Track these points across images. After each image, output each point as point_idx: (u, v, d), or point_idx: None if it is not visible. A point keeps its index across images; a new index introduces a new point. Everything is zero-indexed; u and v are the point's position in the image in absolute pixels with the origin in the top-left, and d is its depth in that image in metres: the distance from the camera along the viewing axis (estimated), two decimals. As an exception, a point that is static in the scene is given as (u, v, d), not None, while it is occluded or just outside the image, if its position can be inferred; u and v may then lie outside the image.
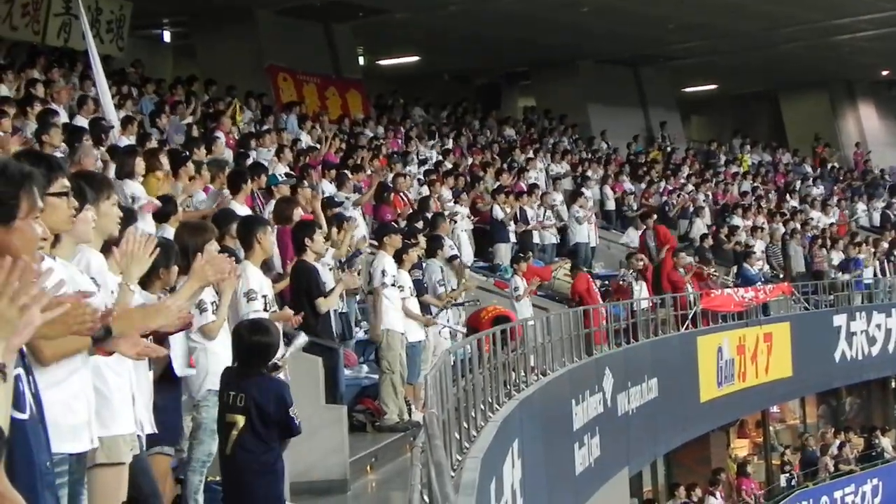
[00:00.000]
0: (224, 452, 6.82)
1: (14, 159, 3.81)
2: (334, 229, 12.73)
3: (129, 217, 6.15)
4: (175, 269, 6.69)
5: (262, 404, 6.64)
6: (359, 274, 12.42)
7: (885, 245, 28.39)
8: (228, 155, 15.90)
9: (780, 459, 24.99)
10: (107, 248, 5.52)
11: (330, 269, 11.66)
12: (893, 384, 28.45)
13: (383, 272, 12.09)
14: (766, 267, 24.47)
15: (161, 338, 5.80)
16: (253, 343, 6.80)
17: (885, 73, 37.25)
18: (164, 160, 11.83)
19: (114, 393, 5.17)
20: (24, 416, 3.19)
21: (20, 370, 3.18)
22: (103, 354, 4.87)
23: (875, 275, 26.86)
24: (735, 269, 22.80)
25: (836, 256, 26.41)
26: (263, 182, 13.45)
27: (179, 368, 6.85)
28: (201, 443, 7.34)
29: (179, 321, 5.21)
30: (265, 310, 8.20)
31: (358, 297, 13.48)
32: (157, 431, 6.09)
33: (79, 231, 4.98)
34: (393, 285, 12.10)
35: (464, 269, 15.54)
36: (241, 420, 6.67)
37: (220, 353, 7.24)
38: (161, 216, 10.03)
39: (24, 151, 5.74)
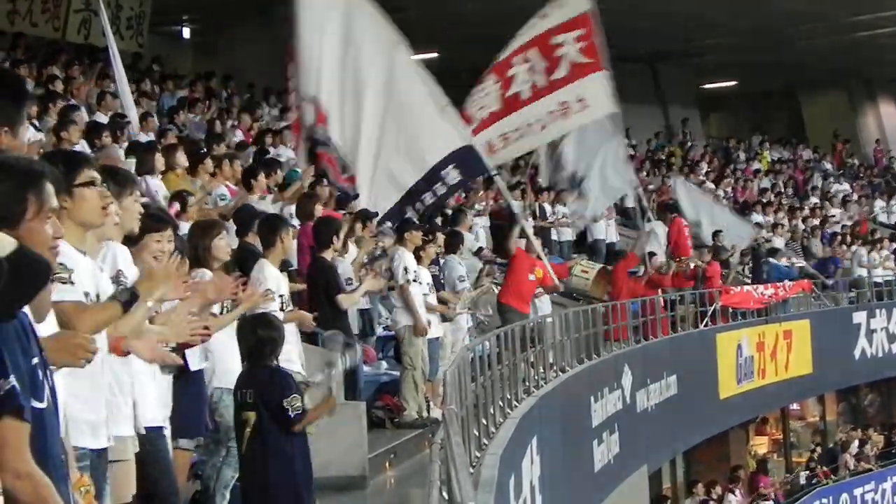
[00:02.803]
0: (240, 450, 6.83)
1: (26, 158, 3.80)
2: (358, 225, 12.66)
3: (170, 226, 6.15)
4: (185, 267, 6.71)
5: (267, 399, 6.65)
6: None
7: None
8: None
9: (808, 457, 24.94)
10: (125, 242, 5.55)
11: (352, 267, 11.63)
12: (914, 381, 28.37)
13: (405, 269, 12.07)
14: (793, 262, 24.31)
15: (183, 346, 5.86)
16: (257, 338, 6.81)
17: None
18: (182, 156, 11.86)
19: (117, 396, 5.17)
20: (43, 406, 3.20)
21: (37, 359, 3.18)
22: (119, 355, 4.90)
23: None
24: (748, 265, 22.60)
25: (861, 252, 26.26)
26: (280, 178, 13.45)
27: (194, 363, 6.85)
28: (230, 439, 7.35)
29: (196, 335, 5.34)
30: (281, 309, 8.20)
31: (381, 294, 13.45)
32: (169, 426, 6.10)
33: (105, 232, 5.00)
34: (414, 281, 12.08)
35: (491, 272, 15.52)
36: (252, 417, 6.68)
37: (222, 352, 7.22)
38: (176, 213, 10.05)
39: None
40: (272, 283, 8.23)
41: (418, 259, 12.39)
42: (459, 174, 12.92)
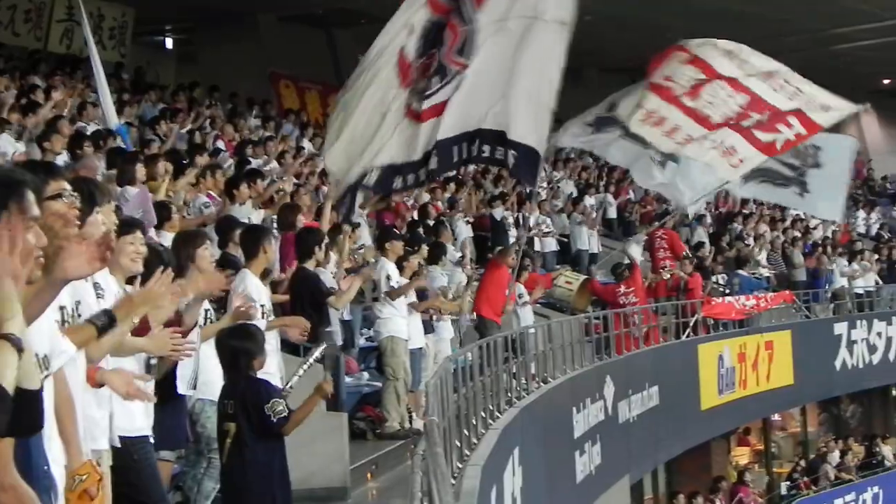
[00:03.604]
0: (222, 461, 6.83)
1: (4, 167, 3.79)
2: (340, 236, 12.67)
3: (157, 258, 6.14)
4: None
5: (248, 408, 6.65)
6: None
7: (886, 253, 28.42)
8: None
9: (790, 468, 25.00)
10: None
11: (333, 276, 11.64)
12: (894, 392, 28.44)
13: (388, 277, 12.08)
14: (766, 273, 24.39)
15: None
16: (232, 349, 6.81)
17: (886, 81, 37.29)
18: (165, 167, 11.85)
19: (94, 409, 5.15)
20: None
21: None
22: (93, 385, 4.89)
23: (876, 283, 26.87)
24: (723, 277, 22.66)
25: (840, 264, 26.36)
26: (261, 188, 13.46)
27: (182, 387, 6.85)
28: (212, 451, 7.34)
29: (177, 350, 5.34)
30: (262, 318, 8.20)
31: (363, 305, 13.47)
32: (154, 437, 6.10)
33: (87, 235, 4.98)
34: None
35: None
36: (232, 428, 6.68)
37: (204, 363, 7.21)
38: (158, 223, 10.03)
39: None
40: (254, 293, 8.23)
41: (401, 269, 12.41)
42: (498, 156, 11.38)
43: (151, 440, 5.98)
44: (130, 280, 5.77)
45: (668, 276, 19.90)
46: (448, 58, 10.76)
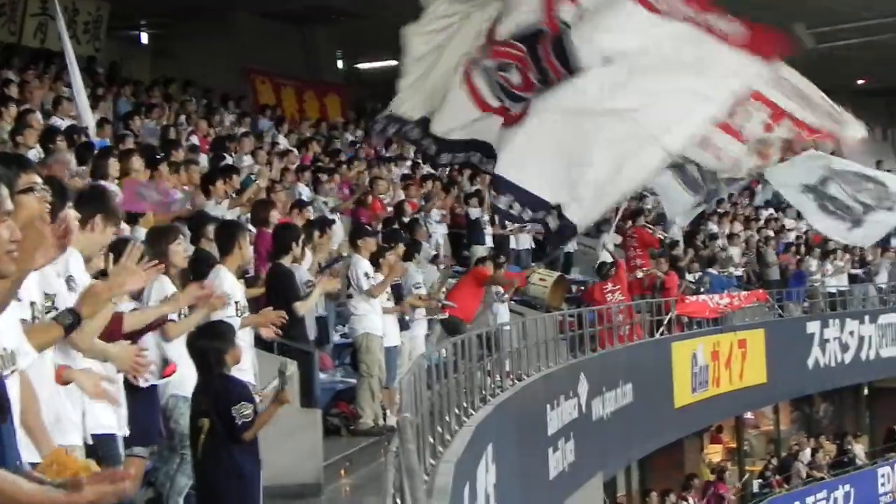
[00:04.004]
0: (195, 457, 6.82)
1: None
2: (316, 233, 12.68)
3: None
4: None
5: (218, 407, 6.65)
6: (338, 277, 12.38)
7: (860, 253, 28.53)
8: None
9: (762, 465, 25.11)
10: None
11: (309, 273, 11.62)
12: (866, 391, 28.63)
13: (366, 274, 12.07)
14: (737, 272, 24.46)
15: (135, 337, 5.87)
16: (199, 347, 6.81)
17: (860, 81, 37.45)
18: (139, 162, 11.79)
19: (66, 405, 5.13)
20: None
21: None
22: (60, 383, 4.88)
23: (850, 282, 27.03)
24: (698, 275, 22.76)
25: (813, 263, 26.47)
26: (236, 183, 13.41)
27: (142, 381, 6.82)
28: (185, 447, 7.33)
29: (136, 366, 5.37)
30: (238, 315, 8.18)
31: (337, 301, 13.46)
32: (127, 433, 6.09)
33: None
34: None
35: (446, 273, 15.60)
36: (206, 423, 6.68)
37: (177, 359, 7.19)
38: (131, 218, 10.00)
39: None
40: (228, 289, 8.20)
41: (377, 266, 12.40)
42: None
43: (120, 438, 5.96)
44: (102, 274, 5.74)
45: (642, 274, 20.01)
46: (548, 61, 10.23)
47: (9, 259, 3.39)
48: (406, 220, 16.91)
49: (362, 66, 31.59)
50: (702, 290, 21.68)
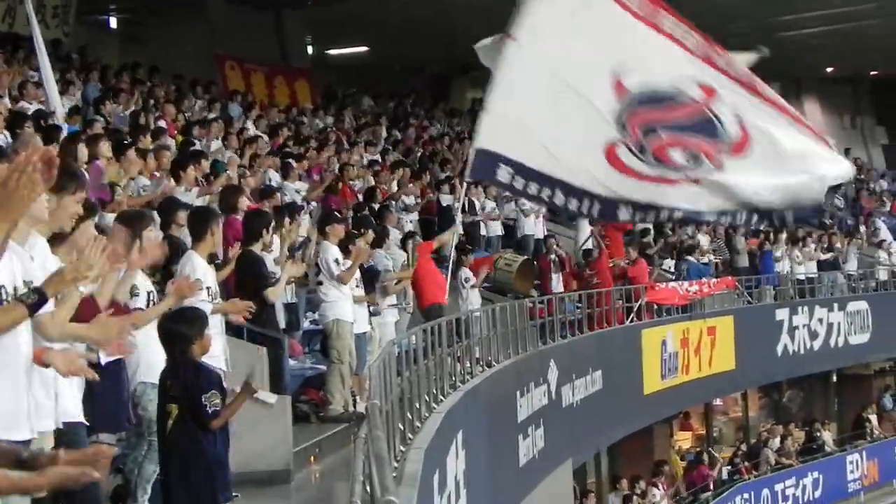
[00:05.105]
0: (162, 442, 6.79)
1: None
2: (286, 219, 12.61)
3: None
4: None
5: (188, 394, 6.62)
6: (303, 261, 12.34)
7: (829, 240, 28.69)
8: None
9: (731, 452, 25.24)
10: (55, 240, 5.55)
11: (276, 262, 11.58)
12: (834, 378, 28.80)
13: (336, 261, 12.03)
14: (711, 259, 24.52)
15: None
16: (168, 331, 6.79)
17: (829, 69, 37.62)
18: (106, 147, 11.72)
19: (38, 390, 5.09)
20: None
21: None
22: (38, 364, 4.84)
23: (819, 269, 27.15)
24: (673, 263, 22.85)
25: (780, 251, 26.58)
26: (206, 167, 13.34)
27: (103, 356, 6.77)
28: (152, 433, 7.29)
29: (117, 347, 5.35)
30: (210, 300, 8.15)
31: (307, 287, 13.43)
32: (87, 422, 6.05)
33: (33, 213, 4.91)
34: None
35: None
36: (174, 409, 6.65)
37: (145, 346, 7.15)
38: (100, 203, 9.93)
39: None
40: (201, 275, 8.18)
41: (346, 252, 12.36)
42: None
43: (83, 426, 5.95)
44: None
45: (612, 265, 20.11)
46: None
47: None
48: (376, 206, 16.88)
49: (333, 51, 31.52)
50: (681, 277, 21.77)
